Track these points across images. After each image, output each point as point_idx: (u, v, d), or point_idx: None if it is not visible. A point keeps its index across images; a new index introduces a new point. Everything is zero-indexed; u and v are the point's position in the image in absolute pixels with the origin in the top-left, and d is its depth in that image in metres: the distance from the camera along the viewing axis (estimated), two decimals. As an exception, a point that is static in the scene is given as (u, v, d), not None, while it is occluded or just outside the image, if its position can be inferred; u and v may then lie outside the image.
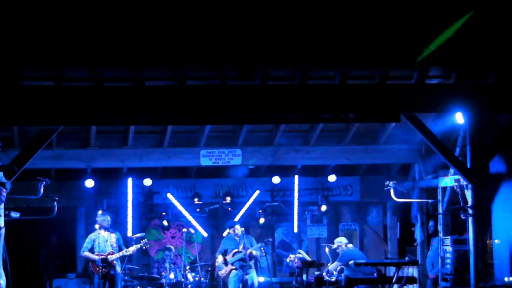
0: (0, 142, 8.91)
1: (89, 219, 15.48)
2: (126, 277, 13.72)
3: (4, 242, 7.95)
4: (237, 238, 13.87)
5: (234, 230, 13.97)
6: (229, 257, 13.75)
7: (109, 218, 13.36)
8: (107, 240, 13.21)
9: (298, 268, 13.52)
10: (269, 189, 15.83)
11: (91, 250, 13.29)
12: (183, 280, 13.93)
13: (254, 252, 13.65)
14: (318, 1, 11.02)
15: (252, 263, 13.74)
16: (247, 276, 13.48)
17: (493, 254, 12.07)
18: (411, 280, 12.85)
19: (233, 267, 13.66)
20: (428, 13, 11.12)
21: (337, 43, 11.17)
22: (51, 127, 11.70)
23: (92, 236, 13.34)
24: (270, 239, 14.63)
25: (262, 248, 13.92)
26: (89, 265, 14.01)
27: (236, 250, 13.68)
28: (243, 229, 13.93)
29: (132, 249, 13.43)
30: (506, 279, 11.72)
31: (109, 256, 13.04)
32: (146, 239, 13.99)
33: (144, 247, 13.83)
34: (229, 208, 15.62)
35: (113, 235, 13.34)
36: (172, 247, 14.90)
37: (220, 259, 13.93)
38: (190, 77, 11.68)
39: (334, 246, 13.83)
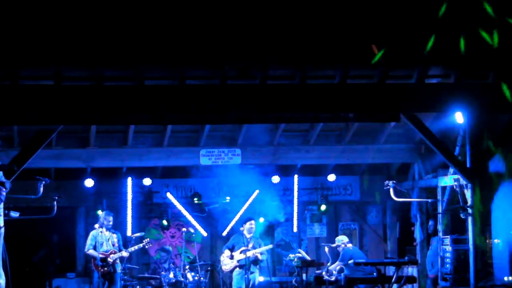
0: (0, 142, 8.93)
1: (89, 219, 15.48)
2: (125, 277, 13.72)
3: (3, 242, 7.95)
4: (247, 236, 13.72)
5: (250, 225, 13.78)
6: (236, 254, 13.67)
7: (110, 218, 13.31)
8: (108, 239, 13.20)
9: (297, 267, 13.51)
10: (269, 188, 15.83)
11: (93, 248, 13.27)
12: (182, 279, 13.92)
13: (260, 257, 13.57)
14: (317, 1, 11.03)
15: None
16: (251, 275, 13.46)
17: (492, 254, 12.08)
18: (410, 279, 12.86)
19: (238, 264, 13.62)
20: (428, 13, 11.11)
21: (337, 42, 11.18)
22: (51, 127, 11.69)
23: (94, 233, 13.29)
24: (283, 242, 14.55)
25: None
26: (90, 264, 14.00)
27: (244, 247, 13.54)
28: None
29: (134, 248, 13.43)
30: (505, 278, 11.73)
31: (111, 255, 13.03)
32: (148, 238, 13.97)
33: (146, 246, 13.82)
34: (229, 208, 15.64)
35: (114, 235, 13.33)
36: (170, 248, 14.88)
37: (226, 253, 13.84)
38: (190, 76, 11.69)
39: (334, 245, 13.83)
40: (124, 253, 13.14)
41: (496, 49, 10.34)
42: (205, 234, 15.88)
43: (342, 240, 13.72)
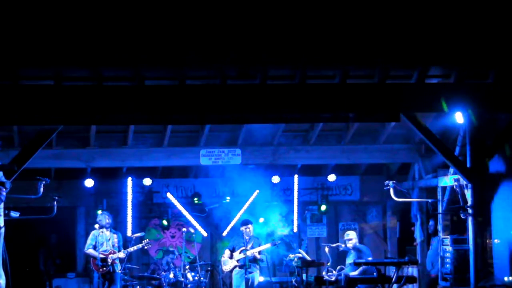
0: (0, 142, 8.93)
1: (89, 219, 15.48)
2: (126, 277, 13.72)
3: (4, 242, 7.96)
4: (246, 237, 13.75)
5: (246, 229, 13.83)
6: (236, 254, 13.70)
7: (107, 217, 13.32)
8: (109, 239, 13.21)
9: (297, 267, 13.52)
10: (269, 188, 15.83)
11: (93, 248, 13.28)
12: (182, 279, 13.93)
13: (258, 256, 13.61)
14: (318, 1, 11.04)
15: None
16: (250, 275, 13.48)
17: (492, 254, 12.08)
18: (410, 279, 12.85)
19: (238, 263, 13.64)
20: (428, 13, 11.13)
21: (337, 42, 11.18)
22: (51, 127, 11.69)
23: (95, 233, 13.33)
24: (280, 241, 14.58)
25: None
26: (89, 264, 14.01)
27: (244, 247, 13.57)
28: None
29: (133, 248, 13.44)
30: (505, 278, 11.72)
31: (110, 255, 13.05)
32: (147, 239, 13.99)
33: (145, 247, 13.84)
34: (229, 208, 15.64)
35: (115, 235, 13.35)
36: (175, 250, 14.89)
37: (226, 254, 13.89)
38: (190, 76, 11.69)
39: (334, 245, 13.85)
40: (121, 254, 13.15)
41: (496, 49, 10.35)
42: (205, 234, 15.88)
43: (354, 235, 13.72)
